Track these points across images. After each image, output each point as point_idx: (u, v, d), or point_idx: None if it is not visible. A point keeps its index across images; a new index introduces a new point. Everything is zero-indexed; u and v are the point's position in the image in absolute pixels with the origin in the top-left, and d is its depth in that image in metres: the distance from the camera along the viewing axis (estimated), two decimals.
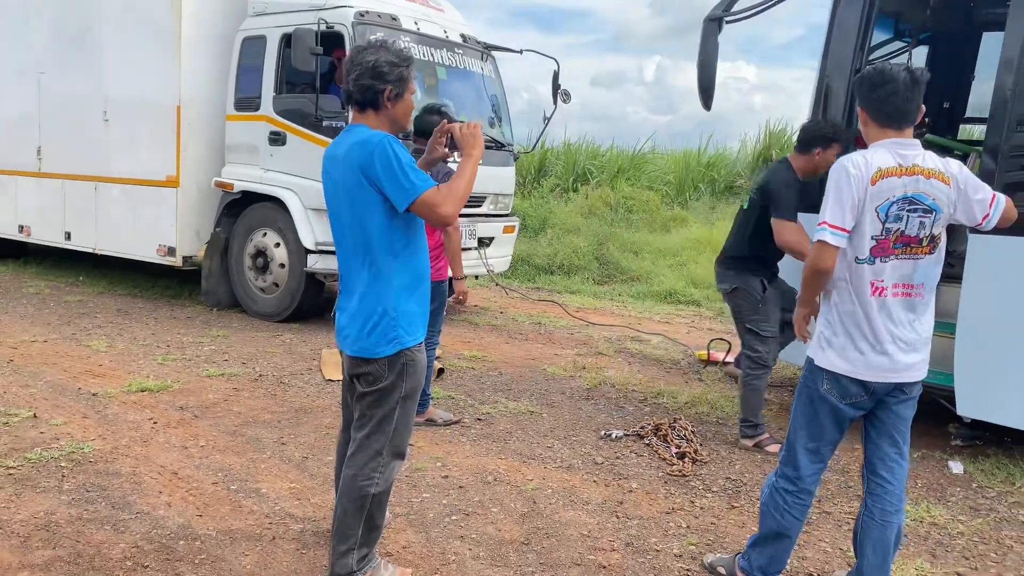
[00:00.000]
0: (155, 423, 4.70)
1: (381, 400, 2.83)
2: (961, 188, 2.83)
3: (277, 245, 7.70)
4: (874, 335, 2.80)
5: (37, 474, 3.90)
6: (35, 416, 4.70)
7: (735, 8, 5.24)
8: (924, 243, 2.79)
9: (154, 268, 9.25)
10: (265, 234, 7.81)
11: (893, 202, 2.75)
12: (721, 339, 7.23)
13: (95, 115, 8.70)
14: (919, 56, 6.86)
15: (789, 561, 3.26)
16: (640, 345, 7.59)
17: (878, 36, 6.32)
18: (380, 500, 2.90)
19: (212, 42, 8.05)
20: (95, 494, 3.72)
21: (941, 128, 6.76)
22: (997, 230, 4.34)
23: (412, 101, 2.85)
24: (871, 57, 6.49)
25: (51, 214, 9.35)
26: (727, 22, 5.24)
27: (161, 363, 6.02)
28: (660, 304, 10.25)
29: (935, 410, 5.23)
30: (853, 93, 4.90)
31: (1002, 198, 2.89)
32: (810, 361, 2.96)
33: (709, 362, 6.93)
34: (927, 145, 3.15)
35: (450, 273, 4.91)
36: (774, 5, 5.17)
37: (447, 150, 3.14)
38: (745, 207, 4.88)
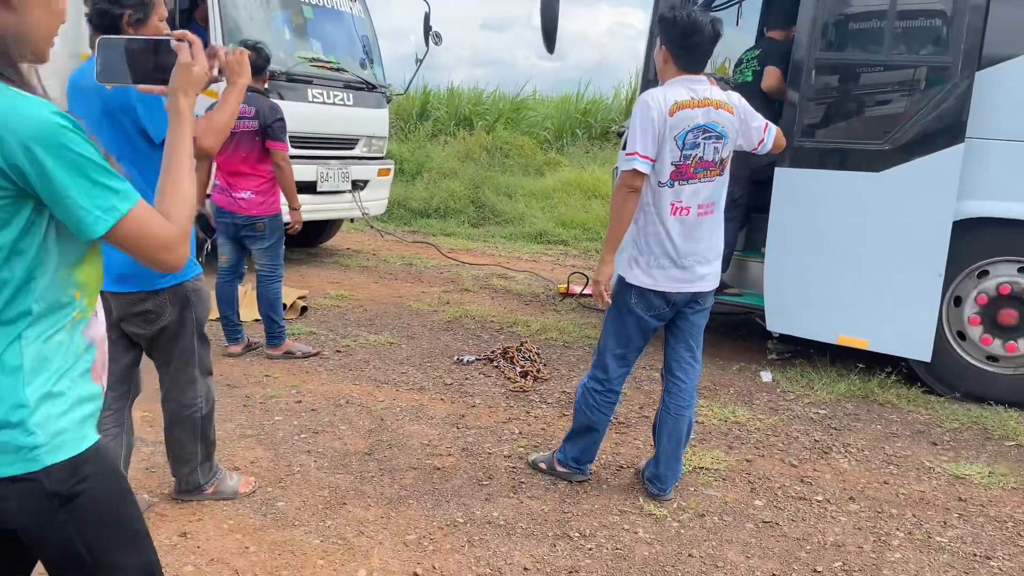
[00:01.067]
0: None
1: (176, 337, 2.88)
2: (742, 117, 3.22)
3: None
4: (676, 251, 3.16)
5: None
6: None
7: None
8: (717, 166, 3.17)
9: None
10: None
11: (689, 131, 3.09)
12: (580, 273, 7.67)
13: None
14: (754, 4, 7.36)
15: (600, 455, 3.69)
16: (505, 281, 7.95)
17: None
18: (209, 418, 3.12)
19: None
20: None
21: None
22: (799, 164, 4.87)
23: (162, 27, 2.70)
24: (713, 5, 6.94)
25: None
26: None
27: None
28: (530, 244, 10.66)
29: (756, 329, 5.82)
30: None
31: (773, 127, 3.33)
32: (620, 279, 3.32)
33: (567, 295, 7.36)
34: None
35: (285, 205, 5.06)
36: None
37: (216, 73, 3.07)
38: None
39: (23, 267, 1.35)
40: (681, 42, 3.10)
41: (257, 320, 5.82)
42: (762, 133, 3.29)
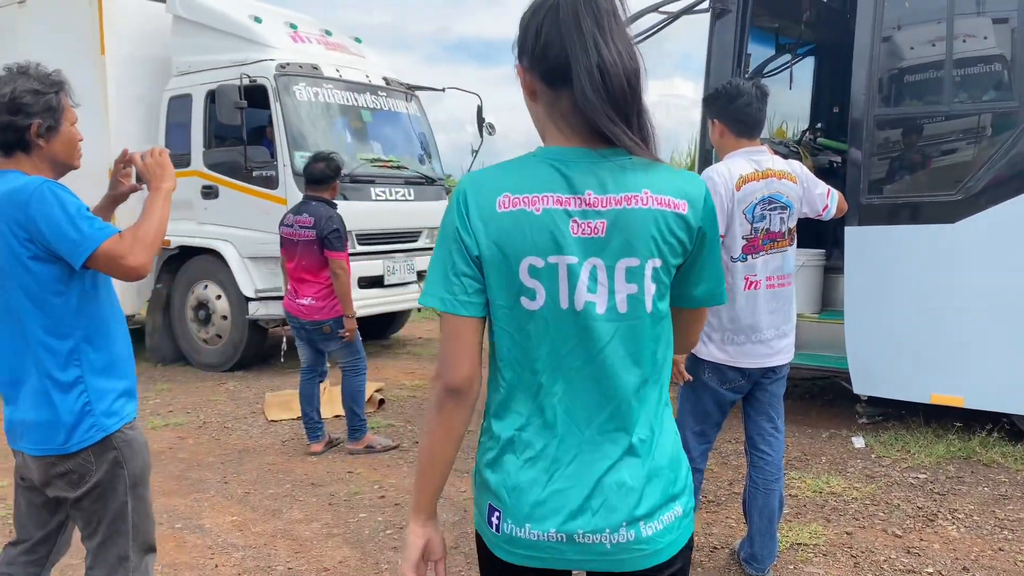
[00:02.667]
0: None
1: (103, 498, 2.28)
2: (805, 186, 3.21)
3: (218, 297, 7.88)
4: (751, 326, 3.10)
5: None
6: None
7: None
8: (786, 236, 3.14)
9: None
10: (206, 286, 7.98)
11: (756, 203, 3.07)
12: None
13: None
14: (805, 67, 7.39)
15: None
16: None
17: (762, 51, 6.82)
18: None
19: (139, 103, 8.24)
20: None
21: (834, 131, 7.25)
22: (870, 221, 4.79)
23: (75, 132, 2.42)
24: (764, 72, 7.00)
25: None
26: None
27: None
28: None
29: (843, 393, 5.63)
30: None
31: (835, 192, 3.31)
32: (692, 355, 3.27)
33: None
34: (818, 148, 3.49)
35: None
36: (655, 32, 5.60)
37: (135, 182, 2.73)
38: None
39: None
40: (730, 110, 3.11)
41: (338, 416, 5.90)
42: (825, 199, 3.28)
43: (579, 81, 1.32)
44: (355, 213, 7.47)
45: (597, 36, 1.32)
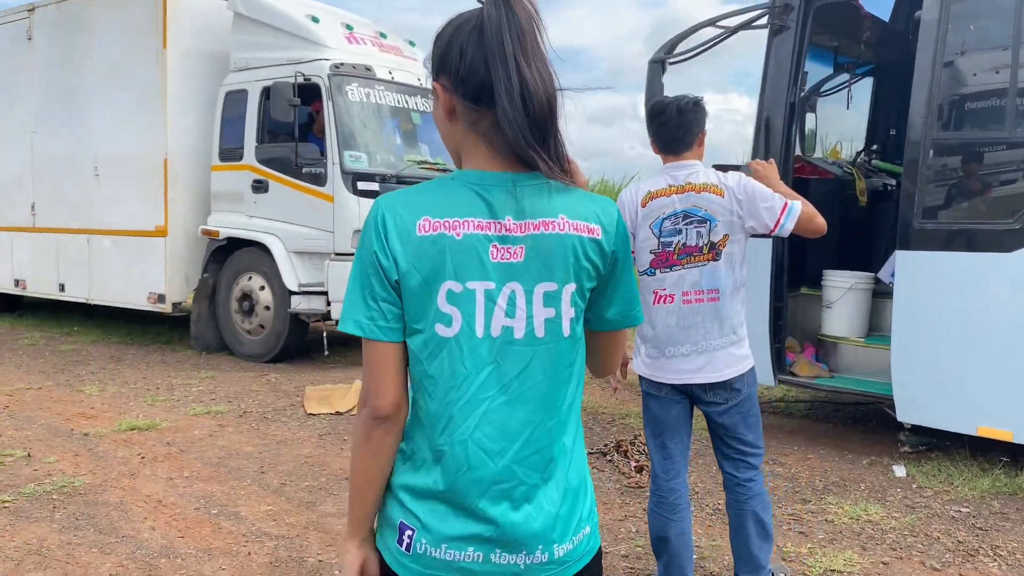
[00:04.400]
0: (143, 458, 4.97)
1: None
2: (740, 198, 3.03)
3: (262, 288, 8.02)
4: (664, 339, 3.06)
5: (30, 506, 4.17)
6: (29, 455, 4.97)
7: (677, 50, 5.65)
8: (705, 251, 3.04)
9: (146, 316, 9.57)
10: (250, 278, 8.13)
11: (665, 218, 3.05)
12: None
13: (86, 171, 9.08)
14: (864, 87, 7.28)
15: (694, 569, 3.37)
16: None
17: (820, 70, 6.73)
18: None
19: (197, 97, 8.45)
20: (84, 522, 3.99)
21: (890, 154, 7.13)
22: (923, 246, 4.70)
23: None
24: (821, 91, 6.91)
25: (46, 267, 9.69)
26: (670, 63, 5.64)
27: (151, 404, 6.29)
28: None
29: (886, 419, 5.52)
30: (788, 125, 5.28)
31: (796, 207, 3.05)
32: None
33: None
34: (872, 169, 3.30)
35: None
36: (712, 46, 5.57)
37: None
38: None
39: None
40: (651, 127, 3.13)
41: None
42: (777, 214, 3.05)
43: (501, 101, 1.32)
44: None
45: (519, 57, 1.32)
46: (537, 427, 1.41)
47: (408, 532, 1.42)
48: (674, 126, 3.07)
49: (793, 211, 3.08)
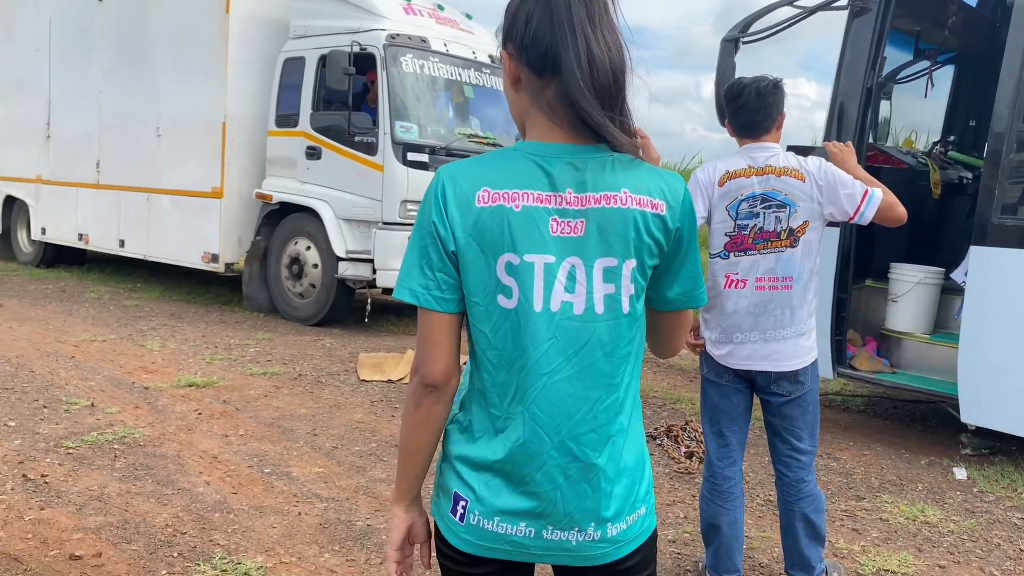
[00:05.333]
0: (200, 414, 5.09)
1: None
2: (821, 184, 2.94)
3: (310, 251, 8.16)
4: (733, 326, 2.99)
5: (92, 454, 4.30)
6: (92, 405, 5.12)
7: (752, 29, 5.49)
8: (783, 236, 2.95)
9: (206, 276, 9.76)
10: (300, 242, 8.26)
11: (743, 200, 2.95)
12: None
13: (149, 131, 9.29)
14: (944, 75, 7.00)
15: (744, 559, 3.27)
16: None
17: (900, 56, 6.50)
18: None
19: (256, 63, 8.57)
20: (142, 472, 4.10)
21: (967, 146, 6.87)
22: (999, 243, 4.52)
23: None
24: (898, 77, 6.67)
25: (107, 223, 9.96)
26: (744, 42, 5.48)
27: (209, 362, 6.43)
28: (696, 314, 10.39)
29: (947, 419, 5.36)
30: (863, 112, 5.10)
31: (877, 195, 2.96)
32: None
33: None
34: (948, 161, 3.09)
35: None
36: (788, 27, 5.40)
37: None
38: None
39: None
40: (730, 109, 3.04)
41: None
42: (857, 201, 2.96)
43: (568, 69, 1.30)
44: None
45: (587, 27, 1.31)
46: (594, 404, 1.39)
47: (462, 503, 1.43)
48: (753, 108, 2.99)
49: (874, 199, 2.98)
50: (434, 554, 1.54)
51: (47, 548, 3.27)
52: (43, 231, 10.98)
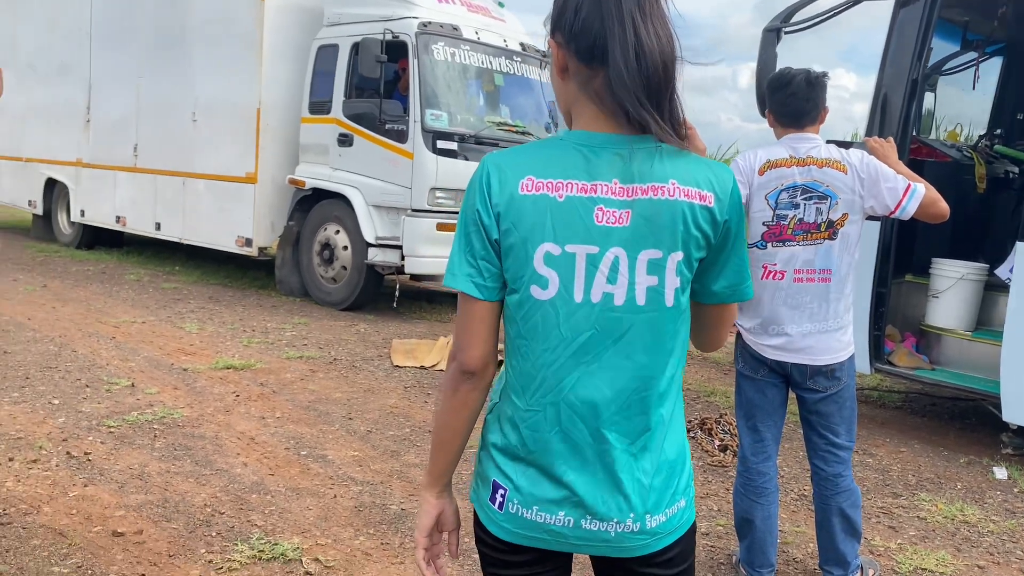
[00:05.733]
0: (237, 396, 5.16)
1: None
2: (863, 177, 2.91)
3: (343, 242, 8.23)
4: (769, 318, 2.96)
5: (133, 433, 4.38)
6: (133, 385, 5.21)
7: (794, 19, 5.41)
8: (823, 228, 2.92)
9: (243, 261, 9.87)
10: (333, 229, 8.34)
11: (783, 190, 2.92)
12: None
13: (186, 116, 9.41)
14: (991, 67, 6.85)
15: (778, 554, 3.23)
16: None
17: (946, 47, 6.36)
18: None
19: (290, 50, 8.63)
20: (182, 452, 4.17)
21: (1014, 140, 6.72)
22: None
23: None
24: (943, 69, 6.54)
25: (144, 206, 10.11)
26: (786, 32, 5.41)
27: (246, 345, 6.52)
28: None
29: (987, 418, 5.27)
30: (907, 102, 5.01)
31: (920, 189, 2.92)
32: (737, 335, 3.13)
33: None
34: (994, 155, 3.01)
35: None
36: (831, 17, 5.32)
37: None
38: None
39: None
40: (775, 99, 3.01)
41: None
42: (899, 195, 2.92)
43: (615, 59, 1.29)
44: None
45: (637, 17, 1.29)
46: (632, 395, 1.38)
47: (501, 491, 1.43)
48: (803, 98, 2.96)
49: (916, 193, 2.94)
50: (464, 542, 1.55)
51: (91, 524, 3.35)
52: (82, 213, 11.18)
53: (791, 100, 2.97)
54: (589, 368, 1.37)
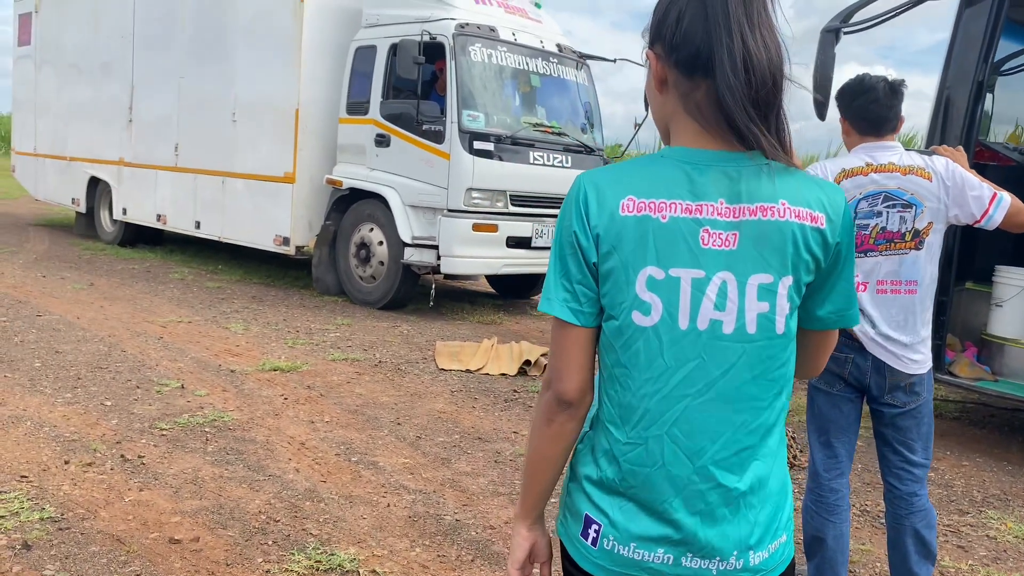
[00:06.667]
0: (285, 399, 5.14)
1: None
2: (949, 185, 2.81)
3: (380, 241, 8.26)
4: (849, 331, 2.83)
5: (185, 436, 4.38)
6: (183, 387, 5.22)
7: (854, 19, 5.27)
8: (908, 238, 2.81)
9: (284, 260, 9.91)
10: (369, 228, 8.36)
11: (863, 198, 2.82)
12: None
13: (225, 116, 9.47)
14: None
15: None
16: None
17: (1009, 46, 6.17)
18: None
19: (329, 50, 8.66)
20: (234, 456, 4.15)
21: None
22: None
23: None
24: (1003, 69, 6.35)
25: (184, 204, 10.21)
26: (845, 33, 5.26)
27: (291, 346, 6.51)
28: None
29: None
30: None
31: (1006, 198, 2.82)
32: None
33: None
34: None
35: None
36: (893, 17, 5.16)
37: None
38: None
39: None
40: (853, 107, 2.90)
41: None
42: (985, 204, 2.81)
43: (722, 70, 1.22)
44: (511, 174, 7.84)
45: (744, 25, 1.23)
46: (739, 428, 1.31)
47: (595, 526, 1.36)
48: (885, 106, 2.85)
49: (1003, 202, 2.84)
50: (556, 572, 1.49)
51: (147, 530, 3.33)
52: (124, 211, 11.30)
53: (873, 107, 2.87)
54: (696, 400, 1.30)
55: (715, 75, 1.24)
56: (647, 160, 1.33)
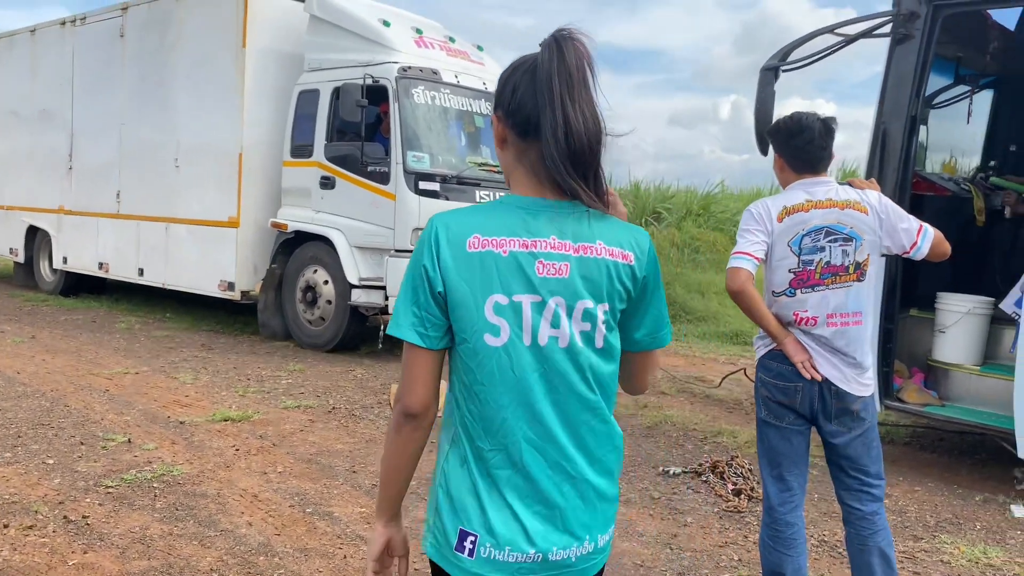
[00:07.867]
0: (237, 450, 5.01)
1: None
2: (883, 217, 2.94)
3: (324, 281, 8.22)
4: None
5: (132, 493, 4.23)
6: (130, 441, 5.06)
7: (791, 57, 5.43)
8: (851, 270, 2.90)
9: (233, 306, 9.74)
10: (315, 270, 8.30)
11: (805, 234, 2.90)
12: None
13: (168, 162, 9.38)
14: (983, 100, 6.92)
15: None
16: (704, 386, 7.66)
17: (939, 81, 6.42)
18: None
19: (271, 94, 8.67)
20: (184, 512, 4.02)
21: (1006, 171, 6.75)
22: None
23: None
24: (934, 103, 6.59)
25: (127, 252, 10.03)
26: (783, 71, 5.42)
27: (242, 395, 6.37)
28: (727, 344, 10.28)
29: (998, 452, 5.22)
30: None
31: (930, 230, 2.97)
32: (756, 386, 3.08)
33: None
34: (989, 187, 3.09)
35: None
36: (828, 55, 5.34)
37: None
38: None
39: None
40: (789, 145, 3.00)
41: None
42: (914, 236, 2.97)
43: (546, 137, 1.46)
44: None
45: (566, 100, 1.45)
46: (583, 426, 1.54)
47: (471, 538, 1.52)
48: (819, 146, 2.97)
49: (928, 233, 3.02)
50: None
51: None
52: (64, 260, 11.04)
53: (809, 147, 2.96)
54: (543, 405, 1.51)
55: (542, 140, 1.47)
56: (490, 205, 1.55)
